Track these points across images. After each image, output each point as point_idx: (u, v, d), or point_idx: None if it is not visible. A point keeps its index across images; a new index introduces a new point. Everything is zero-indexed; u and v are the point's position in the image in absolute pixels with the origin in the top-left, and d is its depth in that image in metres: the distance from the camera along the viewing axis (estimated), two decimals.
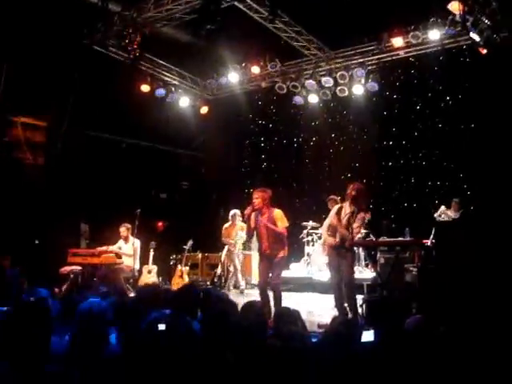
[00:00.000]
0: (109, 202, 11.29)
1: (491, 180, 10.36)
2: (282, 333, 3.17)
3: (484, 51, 9.41)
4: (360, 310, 7.06)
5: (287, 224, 7.39)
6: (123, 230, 10.20)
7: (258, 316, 3.60)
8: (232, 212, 11.02)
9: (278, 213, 7.38)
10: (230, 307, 3.97)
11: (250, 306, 4.03)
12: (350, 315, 6.86)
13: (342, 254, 7.03)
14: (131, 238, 10.19)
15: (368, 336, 3.42)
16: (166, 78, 12.25)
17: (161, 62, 11.98)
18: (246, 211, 7.35)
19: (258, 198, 7.34)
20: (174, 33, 10.40)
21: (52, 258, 9.84)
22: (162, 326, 3.64)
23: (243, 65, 12.07)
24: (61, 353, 3.23)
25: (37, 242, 10.38)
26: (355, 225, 6.97)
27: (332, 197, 10.09)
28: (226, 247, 11.13)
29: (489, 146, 10.48)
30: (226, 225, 11.16)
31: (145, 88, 11.61)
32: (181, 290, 4.86)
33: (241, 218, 10.73)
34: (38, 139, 10.78)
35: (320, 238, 12.04)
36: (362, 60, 11.20)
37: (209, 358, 2.92)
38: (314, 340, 3.61)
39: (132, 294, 9.00)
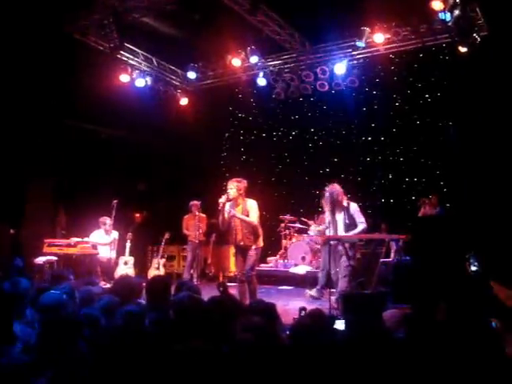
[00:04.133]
0: (86, 192, 11.20)
1: (468, 177, 10.46)
2: (254, 326, 3.16)
3: (463, 50, 9.49)
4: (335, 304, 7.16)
5: (257, 214, 7.40)
6: (109, 222, 10.14)
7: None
8: (191, 203, 10.99)
9: (251, 203, 7.38)
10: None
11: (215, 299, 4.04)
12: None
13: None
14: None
15: (340, 325, 3.45)
16: (146, 69, 12.13)
17: (141, 52, 11.85)
18: (221, 200, 7.32)
19: (232, 188, 7.33)
20: (154, 23, 10.31)
21: (27, 248, 9.77)
22: None
23: (224, 57, 12.02)
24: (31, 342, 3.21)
25: (12, 231, 10.26)
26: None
27: None
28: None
29: (466, 143, 10.57)
30: (186, 216, 11.14)
31: (124, 78, 11.50)
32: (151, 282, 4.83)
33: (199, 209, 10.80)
34: None
35: (300, 231, 12.11)
36: (342, 55, 11.22)
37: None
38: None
39: (107, 285, 8.96)
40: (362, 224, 7.96)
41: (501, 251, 5.69)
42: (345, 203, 8.05)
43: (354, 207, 8.07)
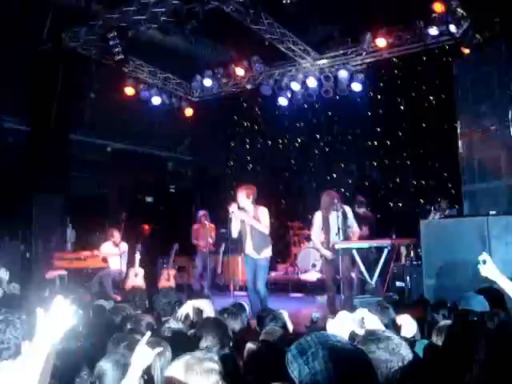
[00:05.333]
0: (94, 205, 11.25)
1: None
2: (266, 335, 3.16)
3: (466, 51, 9.49)
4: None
5: (268, 222, 7.40)
6: (117, 235, 10.17)
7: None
8: (200, 213, 10.95)
9: (262, 210, 7.39)
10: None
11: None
12: None
13: None
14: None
15: None
16: (151, 81, 12.19)
17: (145, 64, 11.92)
18: (231, 208, 7.34)
19: (242, 196, 7.35)
20: (157, 35, 10.36)
21: (38, 262, 9.81)
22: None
23: (228, 67, 12.07)
24: None
25: (23, 247, 10.31)
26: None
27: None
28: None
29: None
30: (195, 226, 11.10)
31: (129, 91, 11.56)
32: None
33: (208, 219, 10.77)
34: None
35: (309, 238, 12.09)
36: (346, 61, 11.24)
37: None
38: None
39: (119, 298, 8.98)
40: (355, 229, 7.90)
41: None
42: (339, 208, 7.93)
43: (349, 212, 7.91)
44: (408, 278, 8.48)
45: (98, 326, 4.17)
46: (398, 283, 8.84)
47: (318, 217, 7.88)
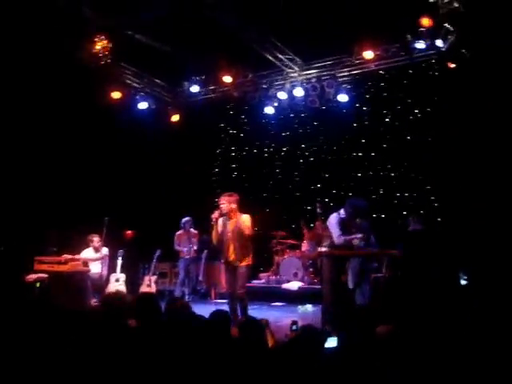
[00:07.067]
0: (77, 209, 11.15)
1: (458, 192, 10.49)
2: (246, 343, 3.16)
3: (452, 65, 9.59)
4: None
5: (251, 230, 7.39)
6: (97, 239, 10.08)
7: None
8: (184, 219, 10.94)
9: (245, 217, 7.37)
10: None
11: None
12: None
13: None
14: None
15: (331, 343, 3.45)
16: (137, 85, 12.16)
17: (131, 68, 11.89)
18: (214, 215, 7.32)
19: (225, 203, 7.34)
20: (144, 39, 10.33)
21: (17, 266, 9.67)
22: None
23: (215, 74, 12.07)
24: None
25: (2, 248, 10.18)
26: None
27: None
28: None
29: (456, 158, 10.63)
30: (178, 232, 11.08)
31: (116, 95, 11.52)
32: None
33: (192, 225, 10.80)
34: None
35: (292, 247, 12.11)
36: (333, 72, 11.30)
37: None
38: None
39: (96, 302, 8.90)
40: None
41: (490, 264, 5.73)
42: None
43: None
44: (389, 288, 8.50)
45: None
46: None
47: (334, 218, 7.52)
